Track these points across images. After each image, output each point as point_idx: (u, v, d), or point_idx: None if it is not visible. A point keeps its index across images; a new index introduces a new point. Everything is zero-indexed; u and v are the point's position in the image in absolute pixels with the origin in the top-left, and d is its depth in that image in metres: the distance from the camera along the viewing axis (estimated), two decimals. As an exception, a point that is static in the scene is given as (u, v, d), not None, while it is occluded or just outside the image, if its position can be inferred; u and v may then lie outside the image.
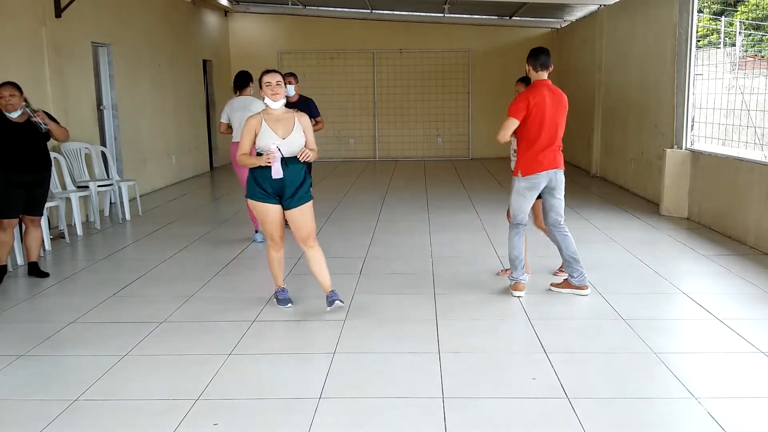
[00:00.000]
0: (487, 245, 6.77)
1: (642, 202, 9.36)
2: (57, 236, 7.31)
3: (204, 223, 8.12)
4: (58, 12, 8.04)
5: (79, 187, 8.03)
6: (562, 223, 5.29)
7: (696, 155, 8.06)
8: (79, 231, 7.55)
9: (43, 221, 6.67)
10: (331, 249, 6.90)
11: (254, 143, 4.67)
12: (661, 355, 3.99)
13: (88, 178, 8.35)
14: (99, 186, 8.19)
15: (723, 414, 3.26)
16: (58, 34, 8.10)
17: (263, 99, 4.70)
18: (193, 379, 3.75)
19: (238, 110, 6.88)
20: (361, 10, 14.91)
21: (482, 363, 3.96)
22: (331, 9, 15.02)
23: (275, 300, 5.03)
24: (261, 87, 4.71)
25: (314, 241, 4.87)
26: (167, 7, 11.70)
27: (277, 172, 4.62)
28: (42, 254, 6.59)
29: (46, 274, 5.87)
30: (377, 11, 14.97)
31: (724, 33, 10.90)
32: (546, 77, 5.22)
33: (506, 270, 5.60)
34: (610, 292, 5.22)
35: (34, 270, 5.87)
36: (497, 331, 4.51)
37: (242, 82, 7.15)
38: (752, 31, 11.49)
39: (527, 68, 5.25)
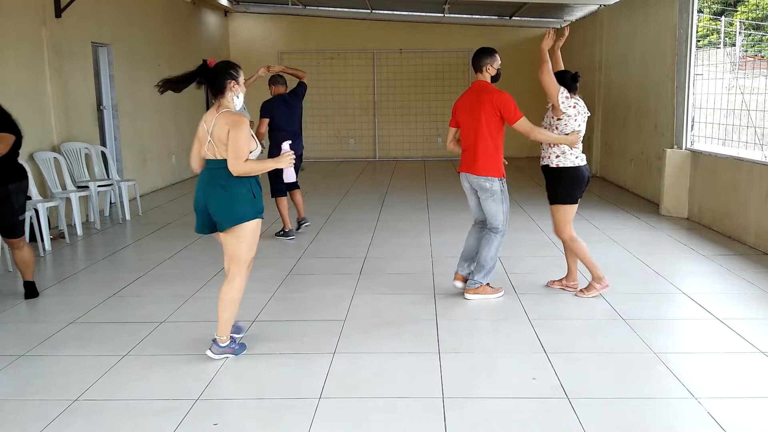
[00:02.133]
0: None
1: (642, 202, 9.36)
2: (57, 236, 7.31)
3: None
4: (58, 12, 8.04)
5: (79, 187, 8.04)
6: (488, 227, 5.07)
7: (696, 155, 8.06)
8: (79, 231, 7.55)
9: (43, 221, 6.67)
10: (331, 249, 6.91)
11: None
12: (661, 355, 3.99)
13: (88, 178, 8.35)
14: (99, 186, 8.19)
15: (723, 414, 3.26)
16: (58, 34, 8.10)
17: (237, 96, 3.97)
18: (193, 379, 3.74)
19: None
20: (361, 10, 14.92)
21: (482, 363, 3.95)
22: (331, 9, 15.03)
23: (233, 353, 4.07)
24: (238, 82, 4.02)
25: None
26: (167, 7, 11.71)
27: (291, 176, 4.26)
28: (42, 254, 6.60)
29: (34, 295, 5.29)
30: (377, 11, 14.98)
31: (724, 33, 10.90)
32: (481, 77, 5.00)
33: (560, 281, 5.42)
34: (610, 292, 5.21)
35: (30, 290, 5.28)
36: (497, 331, 4.51)
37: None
38: (752, 31, 11.49)
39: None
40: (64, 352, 4.17)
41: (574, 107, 4.90)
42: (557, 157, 4.98)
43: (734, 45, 10.31)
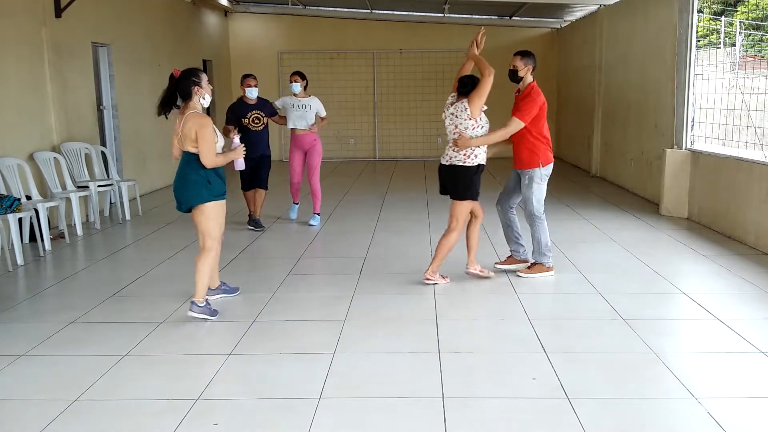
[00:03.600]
0: (487, 245, 6.76)
1: (642, 202, 9.36)
2: (57, 236, 7.31)
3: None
4: (58, 12, 8.04)
5: (79, 187, 8.04)
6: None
7: (696, 155, 8.06)
8: (79, 231, 7.55)
9: (43, 221, 6.68)
10: (331, 249, 6.92)
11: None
12: (661, 355, 3.99)
13: (88, 178, 8.35)
14: (99, 186, 8.19)
15: (723, 414, 3.26)
16: (58, 34, 8.09)
17: (203, 98, 4.64)
18: (193, 379, 3.75)
19: None
20: (361, 10, 14.92)
21: (482, 363, 3.96)
22: (331, 9, 15.03)
23: (209, 314, 4.69)
24: (201, 86, 4.62)
25: None
26: (167, 7, 11.70)
27: (241, 165, 4.91)
28: (42, 254, 6.60)
29: None
30: (377, 11, 14.98)
31: (724, 33, 10.90)
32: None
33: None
34: (610, 292, 5.22)
35: None
36: (497, 331, 4.51)
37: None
38: (752, 31, 11.49)
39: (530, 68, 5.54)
40: (64, 352, 4.16)
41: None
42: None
43: (734, 45, 10.31)
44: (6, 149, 7.10)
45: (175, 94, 4.62)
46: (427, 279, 5.46)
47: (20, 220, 6.65)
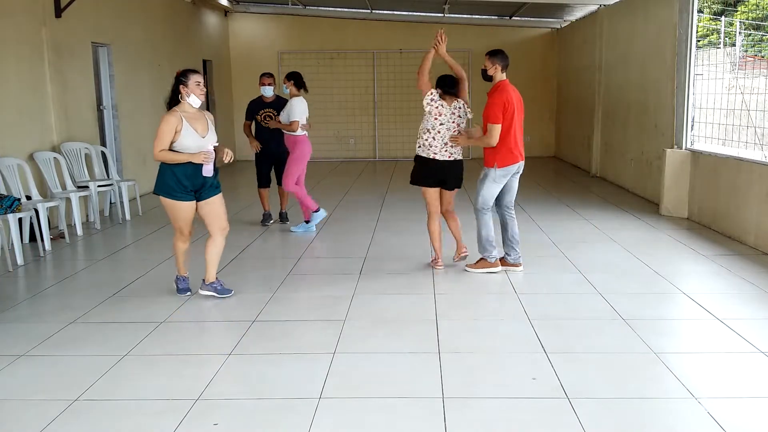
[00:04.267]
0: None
1: (642, 202, 9.36)
2: (57, 236, 7.31)
3: (204, 224, 8.10)
4: (58, 12, 8.04)
5: (79, 187, 8.04)
6: (509, 207, 5.90)
7: (696, 155, 8.06)
8: (79, 231, 7.55)
9: (43, 221, 6.68)
10: (331, 249, 6.92)
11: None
12: (661, 355, 3.99)
13: (88, 178, 8.35)
14: (99, 186, 8.19)
15: (723, 414, 3.26)
16: (58, 34, 8.09)
17: (188, 97, 4.86)
18: (193, 379, 3.74)
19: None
20: (361, 10, 14.92)
21: (482, 363, 3.96)
22: (331, 9, 15.03)
23: (175, 287, 5.31)
24: (187, 85, 4.85)
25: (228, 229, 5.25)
26: (167, 7, 11.70)
27: (209, 171, 4.93)
28: (42, 254, 6.60)
29: None
30: (377, 11, 14.98)
31: (724, 33, 10.90)
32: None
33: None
34: (610, 292, 5.22)
35: None
36: (497, 331, 4.51)
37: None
38: (752, 31, 11.48)
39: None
40: (64, 352, 4.16)
41: (436, 108, 5.69)
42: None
43: (734, 45, 10.30)
44: (6, 149, 7.11)
45: (175, 92, 4.91)
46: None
47: (20, 220, 6.65)
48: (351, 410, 3.37)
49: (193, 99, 4.87)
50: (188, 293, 5.25)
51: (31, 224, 6.92)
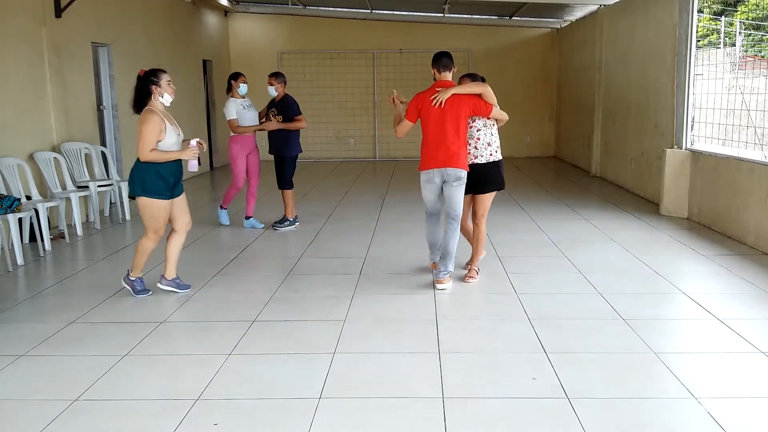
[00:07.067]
0: (487, 244, 6.76)
1: (642, 202, 9.36)
2: (57, 236, 7.31)
3: (204, 224, 8.12)
4: (58, 12, 8.04)
5: (79, 187, 8.04)
6: (452, 216, 5.55)
7: (696, 155, 8.06)
8: (79, 231, 7.55)
9: (43, 221, 6.68)
10: (331, 249, 6.91)
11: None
12: (661, 355, 3.99)
13: (88, 178, 8.35)
14: (99, 186, 8.19)
15: (723, 414, 3.26)
16: (58, 34, 8.10)
17: (162, 97, 4.94)
18: (193, 379, 3.75)
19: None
20: (361, 10, 14.92)
21: (482, 363, 3.95)
22: (331, 9, 15.03)
23: (131, 290, 5.25)
24: (159, 85, 4.92)
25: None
26: (167, 7, 11.71)
27: (194, 166, 5.01)
28: (42, 254, 6.60)
29: None
30: (377, 11, 14.98)
31: (724, 33, 10.90)
32: (448, 77, 5.95)
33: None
34: (610, 292, 5.22)
35: None
36: (497, 331, 4.51)
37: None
38: (752, 31, 11.48)
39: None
40: (64, 352, 4.17)
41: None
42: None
43: (734, 45, 10.30)
44: (6, 149, 7.11)
45: (143, 92, 4.94)
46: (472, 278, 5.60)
47: (20, 220, 6.66)
48: (351, 410, 3.37)
49: (167, 98, 4.95)
50: (149, 293, 5.27)
51: (31, 224, 6.93)
